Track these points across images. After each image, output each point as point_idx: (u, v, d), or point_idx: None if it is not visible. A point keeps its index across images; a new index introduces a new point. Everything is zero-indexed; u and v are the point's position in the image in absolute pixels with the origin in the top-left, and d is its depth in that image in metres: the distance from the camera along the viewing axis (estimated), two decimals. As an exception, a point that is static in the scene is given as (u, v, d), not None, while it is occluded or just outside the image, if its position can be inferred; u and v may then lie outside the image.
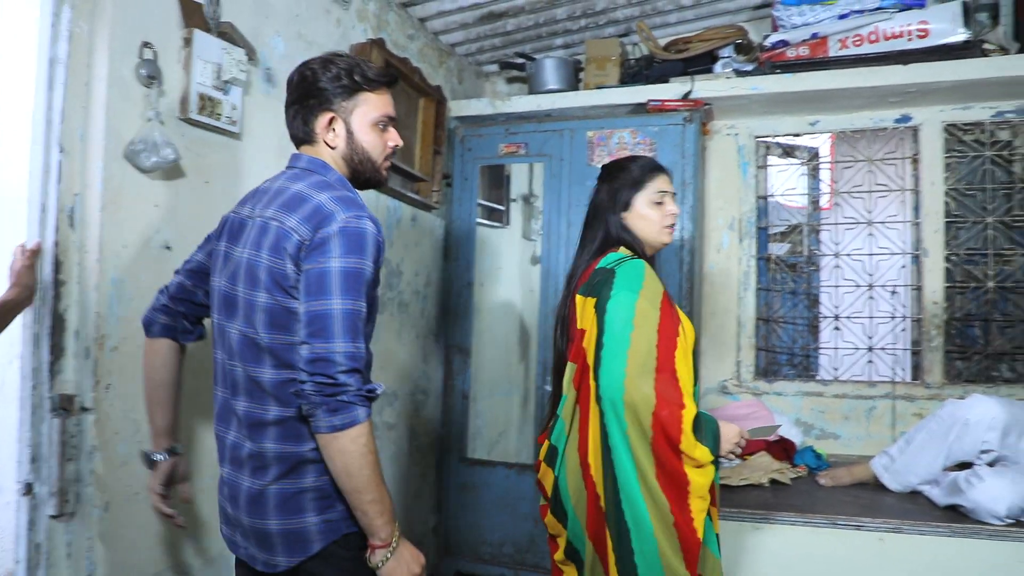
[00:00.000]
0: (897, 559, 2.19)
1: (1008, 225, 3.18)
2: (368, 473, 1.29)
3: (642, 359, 1.64)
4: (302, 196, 1.38)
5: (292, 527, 1.36)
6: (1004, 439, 2.31)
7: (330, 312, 1.29)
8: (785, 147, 3.49)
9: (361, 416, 1.28)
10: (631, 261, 1.79)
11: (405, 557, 1.36)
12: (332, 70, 1.46)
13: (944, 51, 2.86)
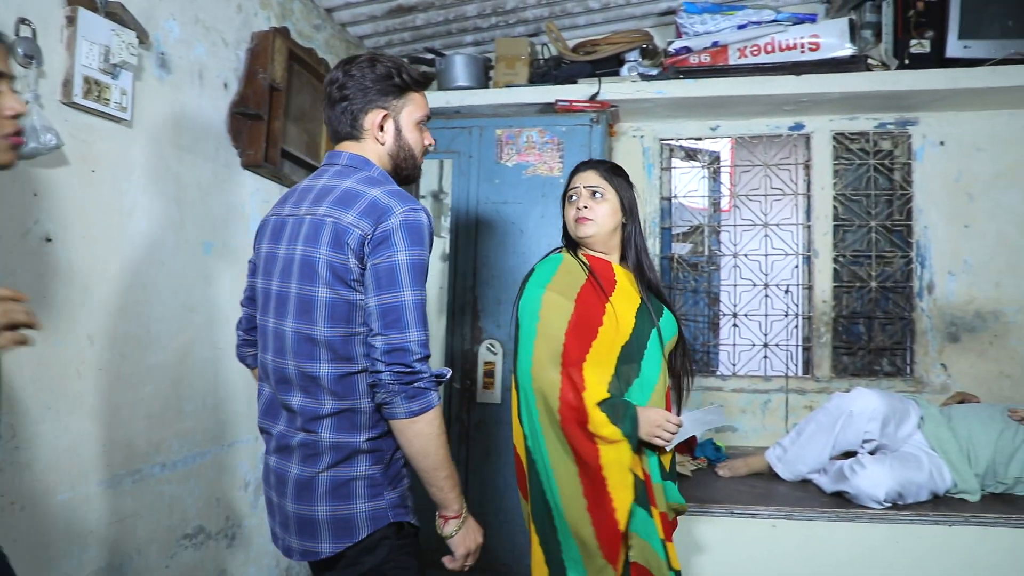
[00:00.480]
0: (789, 544, 2.30)
1: (889, 229, 3.39)
2: (443, 452, 1.40)
3: (548, 348, 1.72)
4: (354, 192, 1.42)
5: (340, 514, 1.41)
6: (884, 429, 2.46)
7: (403, 304, 1.35)
8: (688, 150, 3.61)
9: (435, 400, 1.37)
10: (548, 257, 1.91)
11: (472, 528, 1.49)
12: (380, 69, 1.51)
13: (833, 64, 3.03)
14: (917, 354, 3.30)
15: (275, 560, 2.66)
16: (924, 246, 3.30)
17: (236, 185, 2.41)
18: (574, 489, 1.71)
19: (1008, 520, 2.24)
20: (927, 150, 3.32)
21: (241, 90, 2.38)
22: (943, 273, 3.28)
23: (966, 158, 3.28)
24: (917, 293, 3.31)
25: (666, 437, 1.74)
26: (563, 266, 1.85)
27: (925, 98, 3.11)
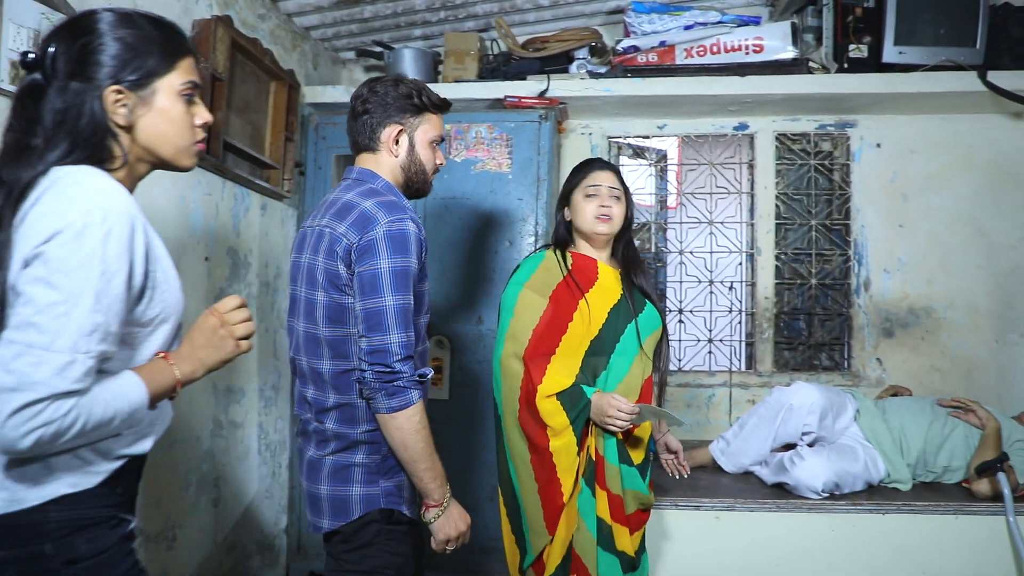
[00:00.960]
0: (731, 535, 2.36)
1: (828, 228, 3.49)
2: (423, 446, 1.52)
3: (517, 343, 1.91)
4: (351, 204, 1.57)
5: (338, 494, 1.57)
6: (822, 422, 2.54)
7: (384, 308, 1.49)
8: (635, 148, 3.65)
9: (415, 398, 1.50)
10: (534, 254, 2.07)
11: (454, 516, 1.60)
12: (402, 89, 1.66)
13: (776, 66, 3.10)
14: (854, 349, 3.40)
15: (217, 562, 2.61)
16: (861, 244, 3.41)
17: (177, 177, 2.34)
18: (527, 472, 1.91)
19: (936, 507, 2.34)
20: (864, 152, 3.43)
21: (181, 79, 2.31)
22: (879, 271, 3.40)
23: (901, 160, 3.40)
24: (854, 290, 3.42)
25: (618, 424, 1.84)
26: (543, 264, 2.00)
27: (863, 101, 3.21)
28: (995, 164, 3.36)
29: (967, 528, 2.32)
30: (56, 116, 1.06)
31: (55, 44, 1.07)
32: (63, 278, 0.96)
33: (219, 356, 1.16)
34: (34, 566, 1.01)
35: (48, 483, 1.03)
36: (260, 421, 2.92)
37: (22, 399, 0.91)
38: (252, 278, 2.85)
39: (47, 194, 1.01)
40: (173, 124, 1.15)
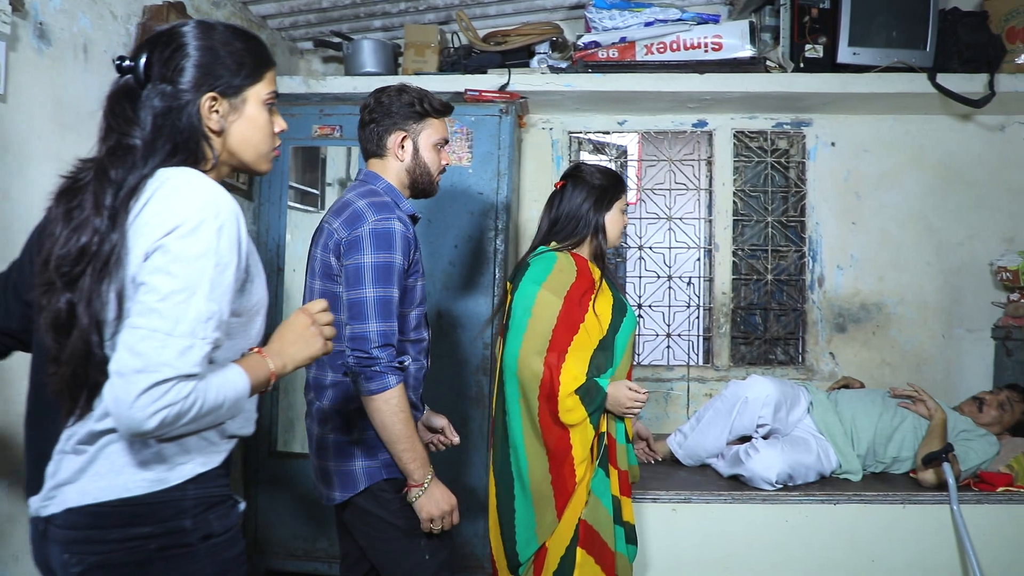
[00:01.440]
0: (688, 526, 2.39)
1: (784, 224, 3.55)
2: (400, 427, 1.61)
3: (536, 341, 1.98)
4: (347, 203, 1.71)
5: (344, 468, 1.72)
6: (776, 414, 2.59)
7: (364, 299, 1.62)
8: (596, 144, 3.66)
9: (392, 383, 1.60)
10: (546, 254, 2.09)
11: (435, 496, 1.67)
12: (405, 98, 1.78)
13: (734, 64, 3.14)
14: (808, 343, 3.47)
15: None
16: (816, 241, 3.48)
17: (126, 167, 2.28)
18: (540, 465, 1.99)
19: (885, 497, 2.40)
20: (820, 150, 3.49)
21: (132, 67, 2.25)
22: (832, 267, 3.47)
23: (854, 159, 3.48)
24: (809, 286, 3.48)
25: (636, 410, 2.02)
26: (558, 265, 2.06)
27: (818, 100, 3.27)
28: (944, 164, 3.45)
29: (914, 517, 2.39)
30: (156, 120, 1.12)
31: (151, 51, 1.14)
32: (182, 268, 1.02)
33: (308, 352, 1.22)
34: (174, 541, 1.09)
35: (186, 463, 1.12)
36: (215, 417, 2.86)
37: (149, 380, 0.97)
38: (206, 271, 2.78)
39: (158, 193, 1.07)
40: (259, 131, 1.24)
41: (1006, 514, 2.39)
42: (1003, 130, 3.45)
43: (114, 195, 1.07)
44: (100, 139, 1.14)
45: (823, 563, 2.38)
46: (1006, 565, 2.36)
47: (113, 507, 1.07)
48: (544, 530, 2.00)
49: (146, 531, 1.08)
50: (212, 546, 1.13)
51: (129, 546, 1.07)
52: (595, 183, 2.16)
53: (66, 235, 1.07)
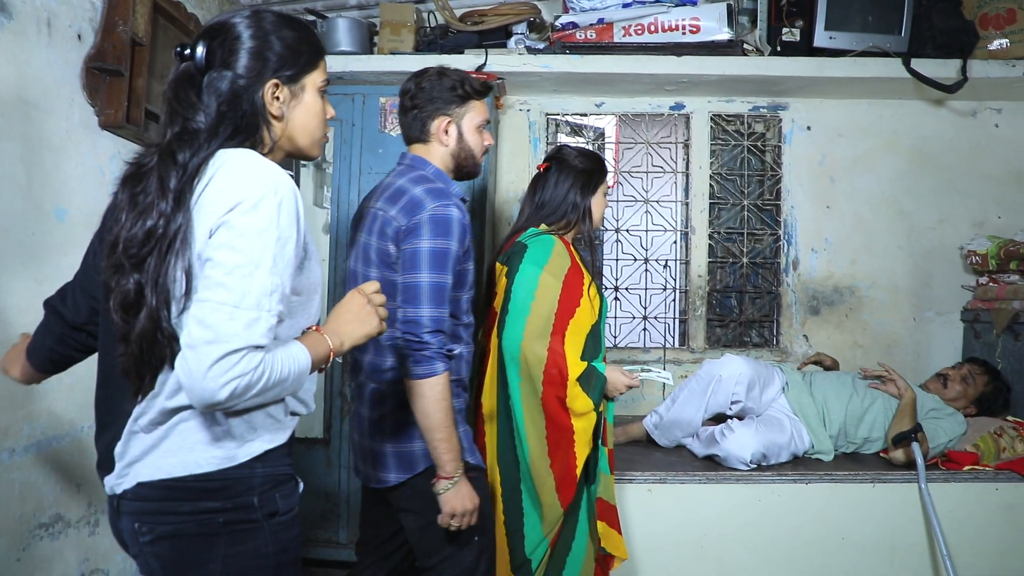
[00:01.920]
0: (663, 506, 2.41)
1: (760, 208, 3.58)
2: (440, 416, 1.60)
3: (539, 325, 1.97)
4: (402, 189, 1.70)
5: (403, 449, 1.71)
6: (749, 392, 2.62)
7: (419, 284, 1.62)
8: (573, 126, 3.65)
9: (439, 369, 1.60)
10: (542, 237, 2.07)
11: (463, 491, 1.65)
12: (446, 81, 1.77)
13: (712, 47, 3.13)
14: (783, 326, 3.51)
15: (143, 545, 2.53)
16: (791, 225, 3.51)
17: (94, 147, 2.22)
18: (540, 448, 1.99)
19: (855, 476, 2.44)
20: (795, 134, 3.51)
21: (98, 43, 2.19)
22: (807, 250, 3.50)
23: (829, 143, 3.50)
24: (783, 269, 3.51)
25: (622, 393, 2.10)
26: (556, 249, 2.06)
27: (794, 84, 3.28)
28: (916, 149, 3.49)
29: (884, 495, 2.43)
30: (221, 105, 1.16)
31: (210, 40, 1.19)
32: (246, 243, 1.06)
33: (364, 331, 1.25)
34: (241, 516, 1.14)
35: (253, 440, 1.16)
36: (188, 401, 2.83)
37: (220, 351, 1.00)
38: (178, 253, 2.74)
39: (219, 173, 1.11)
40: (314, 117, 1.28)
41: (971, 492, 2.45)
42: (975, 115, 3.50)
43: (179, 177, 1.10)
44: (165, 124, 1.18)
45: (795, 541, 2.42)
46: (970, 541, 2.42)
47: (185, 482, 1.12)
48: (549, 519, 2.00)
49: (216, 505, 1.13)
50: (275, 524, 1.18)
51: (199, 519, 1.12)
52: (581, 167, 2.16)
53: (132, 218, 1.11)
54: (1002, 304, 3.14)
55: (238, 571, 1.15)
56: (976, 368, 2.89)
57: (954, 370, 2.89)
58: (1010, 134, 3.49)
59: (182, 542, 1.13)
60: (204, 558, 1.13)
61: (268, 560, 1.17)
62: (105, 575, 2.31)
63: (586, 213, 2.15)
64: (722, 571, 2.41)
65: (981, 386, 2.84)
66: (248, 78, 1.19)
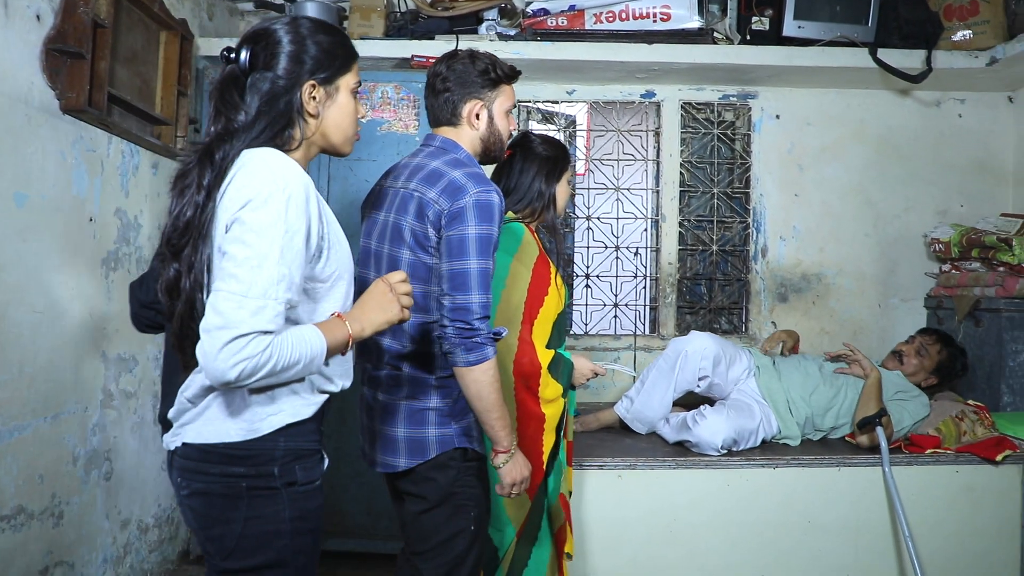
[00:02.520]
0: (633, 491, 2.44)
1: (729, 196, 3.61)
2: (495, 397, 1.64)
3: (510, 314, 1.97)
4: (440, 172, 1.68)
5: (415, 435, 1.71)
6: (716, 367, 2.66)
7: (468, 271, 1.61)
8: (545, 113, 3.64)
9: (490, 354, 1.61)
10: (512, 226, 2.06)
11: (519, 462, 1.74)
12: (479, 65, 1.76)
13: (682, 35, 3.15)
14: (751, 313, 3.55)
15: (110, 539, 2.49)
16: (760, 213, 3.54)
17: (55, 131, 2.17)
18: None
19: (822, 460, 2.49)
20: (765, 122, 3.54)
21: (58, 24, 2.13)
22: (775, 238, 3.54)
23: (798, 132, 3.54)
24: (752, 256, 3.55)
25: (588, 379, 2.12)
26: (525, 238, 2.06)
27: (764, 73, 3.30)
28: (883, 138, 3.54)
29: (849, 479, 2.48)
30: (262, 104, 1.28)
31: (254, 44, 1.31)
32: (255, 237, 1.17)
33: (385, 317, 1.34)
34: (262, 483, 1.27)
35: (275, 414, 1.28)
36: (155, 390, 2.79)
37: (228, 335, 1.12)
38: (143, 242, 2.69)
39: (240, 172, 1.23)
40: (347, 116, 1.40)
41: (933, 474, 2.51)
42: (939, 106, 3.56)
43: (212, 174, 1.23)
44: (210, 122, 1.31)
45: (763, 525, 2.46)
46: (932, 523, 2.48)
47: (216, 448, 1.26)
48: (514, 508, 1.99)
49: (240, 471, 1.26)
50: (294, 492, 1.29)
51: (225, 481, 1.26)
52: (545, 154, 2.15)
53: (176, 211, 1.25)
54: (964, 291, 3.21)
55: (258, 532, 1.27)
56: (928, 339, 2.94)
57: (907, 345, 2.94)
58: (972, 124, 3.56)
59: (211, 499, 1.27)
60: (228, 516, 1.27)
61: (285, 525, 1.28)
62: (70, 567, 2.27)
63: (551, 201, 2.15)
64: (692, 555, 2.44)
65: (936, 355, 2.89)
66: (287, 79, 1.30)
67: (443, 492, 1.71)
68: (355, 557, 2.97)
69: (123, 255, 2.56)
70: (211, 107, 1.32)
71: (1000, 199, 3.56)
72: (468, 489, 1.74)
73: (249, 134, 1.27)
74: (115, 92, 2.35)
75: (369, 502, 2.98)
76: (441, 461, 1.71)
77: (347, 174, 2.94)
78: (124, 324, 2.56)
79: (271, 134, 1.29)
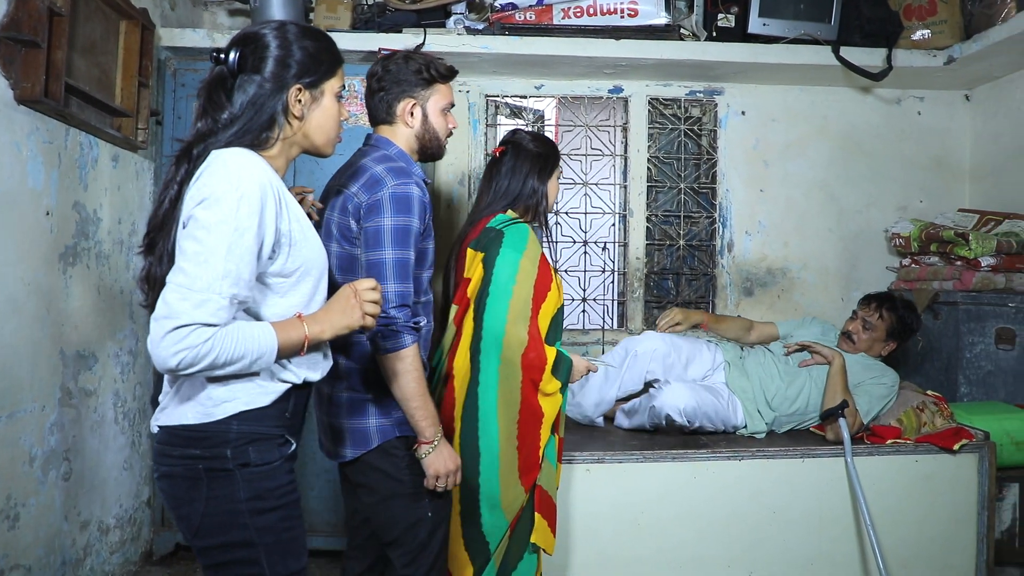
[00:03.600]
0: (601, 486, 2.45)
1: (696, 191, 3.64)
2: (414, 386, 1.68)
3: (520, 308, 2.00)
4: (364, 168, 1.76)
5: (358, 426, 1.76)
6: (669, 370, 2.70)
7: (384, 260, 1.67)
8: (513, 108, 3.64)
9: (407, 342, 1.66)
10: (518, 225, 2.09)
11: (444, 454, 1.75)
12: (412, 65, 1.83)
13: (649, 31, 3.17)
14: (718, 307, 3.59)
15: (69, 540, 2.44)
16: (726, 208, 3.58)
17: (9, 122, 2.11)
18: (509, 431, 2.00)
19: (787, 452, 2.52)
20: (730, 119, 3.58)
21: (11, 12, 2.06)
22: (741, 233, 3.58)
23: (763, 128, 3.58)
24: (719, 251, 3.59)
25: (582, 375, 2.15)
26: (531, 236, 2.09)
27: (729, 70, 3.34)
28: (845, 135, 3.60)
29: (812, 470, 2.52)
30: (246, 105, 1.35)
31: (243, 48, 1.37)
32: (205, 234, 1.22)
33: (345, 322, 1.37)
34: (217, 465, 1.32)
35: (230, 401, 1.32)
36: (116, 388, 2.74)
37: (171, 324, 1.18)
38: (103, 235, 2.63)
39: (204, 171, 1.28)
40: (331, 119, 1.46)
41: (894, 464, 2.56)
42: (899, 103, 3.63)
43: (186, 171, 1.31)
44: (195, 120, 1.36)
45: (728, 516, 2.49)
46: (893, 510, 2.54)
47: (177, 431, 1.33)
48: (509, 502, 1.99)
49: (196, 453, 1.32)
50: (248, 473, 1.33)
51: (185, 464, 1.32)
52: (537, 151, 2.17)
53: (155, 207, 1.34)
54: (923, 285, 3.28)
55: (217, 512, 1.33)
56: (867, 311, 2.90)
57: (852, 322, 2.92)
58: (931, 122, 3.64)
59: (175, 481, 1.34)
60: (191, 496, 1.33)
61: (242, 505, 1.33)
62: (27, 571, 2.22)
63: (543, 197, 2.18)
64: (660, 548, 2.47)
65: (882, 324, 2.86)
66: (274, 82, 1.37)
67: (390, 481, 1.77)
68: (322, 554, 2.95)
69: (82, 249, 2.49)
70: (197, 106, 1.37)
71: (957, 195, 3.65)
72: (418, 478, 1.77)
73: (227, 133, 1.32)
74: (73, 83, 2.29)
75: (335, 499, 2.96)
76: (384, 450, 1.76)
77: (314, 168, 2.91)
78: (83, 320, 2.50)
79: (249, 134, 1.34)
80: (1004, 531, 2.74)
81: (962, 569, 2.59)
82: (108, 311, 2.67)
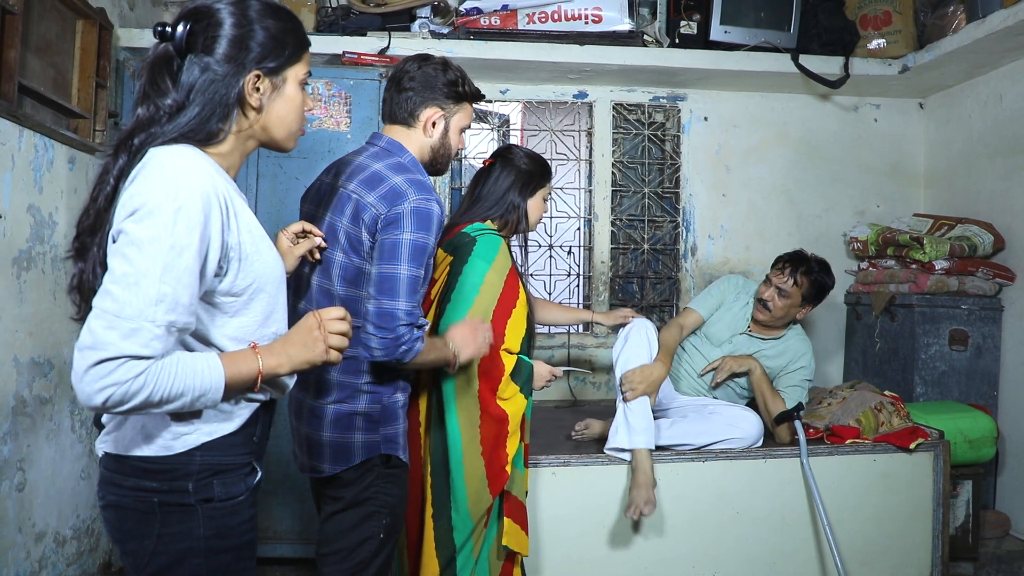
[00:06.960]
0: (566, 489, 2.46)
1: (660, 195, 3.68)
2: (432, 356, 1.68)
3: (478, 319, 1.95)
4: (381, 176, 1.65)
5: (341, 440, 1.68)
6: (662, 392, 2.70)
7: (398, 276, 1.59)
8: (479, 112, 3.64)
9: (417, 348, 1.61)
10: (491, 235, 2.07)
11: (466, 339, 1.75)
12: (450, 75, 1.75)
13: (613, 37, 3.20)
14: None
15: (24, 553, 2.37)
16: (689, 212, 3.63)
17: (-41, 123, 2.05)
18: (472, 437, 1.98)
19: (748, 453, 2.56)
20: (693, 124, 3.63)
21: (-38, 10, 2.02)
22: (704, 237, 3.63)
23: (725, 133, 3.64)
24: (682, 255, 3.63)
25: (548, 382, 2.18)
26: (502, 248, 2.07)
27: (692, 76, 3.38)
28: (804, 141, 3.68)
29: (773, 470, 2.56)
30: (193, 91, 1.15)
31: (196, 22, 1.15)
32: (136, 252, 1.04)
33: (306, 356, 1.21)
34: (175, 499, 1.17)
35: (190, 433, 1.17)
36: (73, 396, 2.67)
37: (95, 356, 1.00)
38: (59, 239, 2.57)
39: (139, 175, 1.09)
40: (293, 110, 1.27)
41: (853, 463, 2.62)
42: (856, 110, 3.71)
43: (121, 167, 1.12)
44: (134, 105, 1.16)
45: (692, 517, 2.52)
46: (851, 508, 2.59)
47: (130, 461, 1.17)
48: (477, 510, 1.99)
49: (152, 485, 1.16)
50: (211, 509, 1.19)
51: (137, 495, 1.16)
52: (523, 167, 2.17)
53: (86, 204, 1.14)
54: (880, 287, 3.36)
55: (170, 550, 1.18)
56: (781, 277, 2.69)
57: (766, 288, 2.70)
58: (887, 128, 3.73)
59: (122, 513, 1.18)
60: (140, 532, 1.17)
61: (199, 543, 1.19)
62: (-21, 584, 2.15)
63: (523, 215, 2.17)
64: (626, 548, 2.48)
65: (796, 289, 2.66)
66: (227, 66, 1.16)
67: (357, 497, 1.69)
68: (286, 563, 2.91)
69: (36, 254, 2.43)
70: (138, 89, 1.16)
71: (913, 200, 3.75)
72: (384, 496, 1.71)
73: (172, 124, 1.13)
74: (26, 83, 2.24)
75: (300, 506, 2.92)
76: (366, 466, 1.69)
77: (276, 171, 2.88)
78: (38, 327, 2.44)
79: (197, 127, 1.15)
80: (958, 527, 2.82)
81: (918, 564, 2.65)
82: (64, 317, 2.61)
